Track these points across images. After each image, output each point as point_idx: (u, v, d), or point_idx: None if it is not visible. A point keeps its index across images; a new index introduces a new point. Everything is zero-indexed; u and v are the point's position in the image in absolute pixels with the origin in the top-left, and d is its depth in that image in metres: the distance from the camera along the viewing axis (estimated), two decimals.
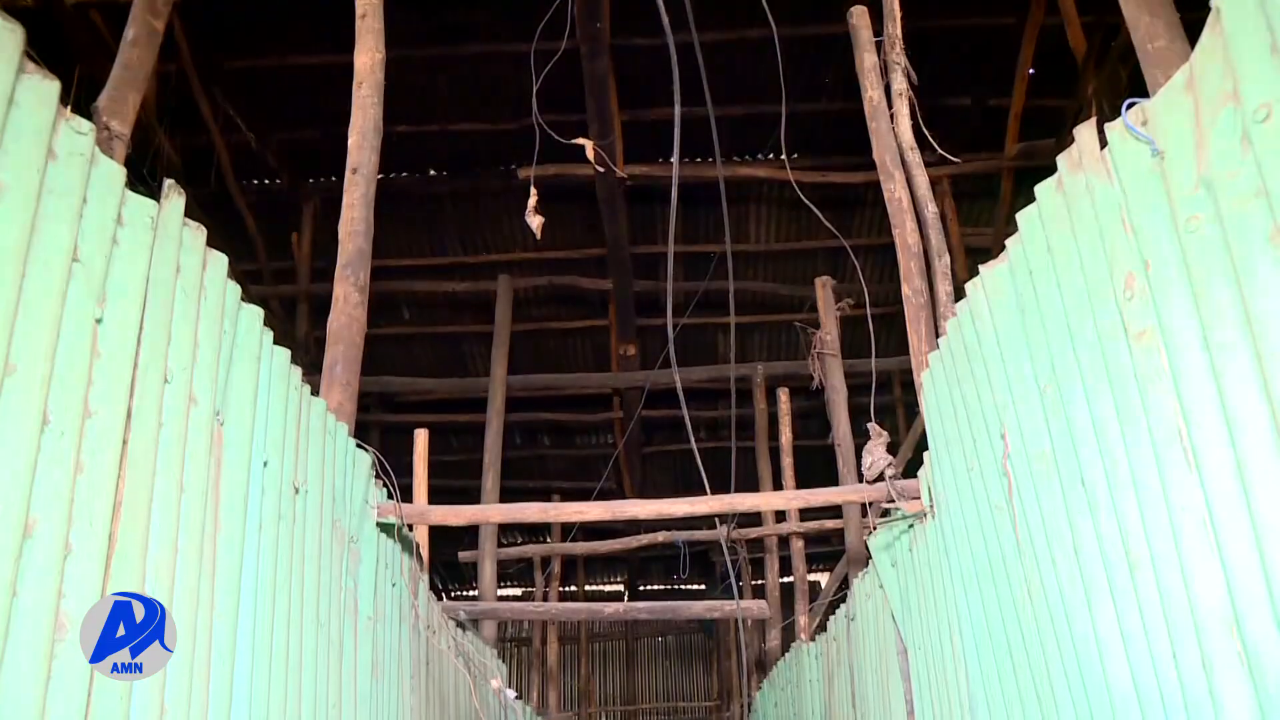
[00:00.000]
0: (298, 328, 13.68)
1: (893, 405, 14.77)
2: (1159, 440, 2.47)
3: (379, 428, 15.26)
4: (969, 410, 3.69)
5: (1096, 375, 2.75)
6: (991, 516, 3.52)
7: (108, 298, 2.43)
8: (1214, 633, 2.28)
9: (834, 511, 8.99)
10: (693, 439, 5.26)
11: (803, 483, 10.86)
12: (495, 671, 6.68)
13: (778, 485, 11.33)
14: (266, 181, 13.90)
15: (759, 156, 13.96)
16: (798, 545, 9.91)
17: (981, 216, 14.35)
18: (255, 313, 3.26)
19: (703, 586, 21.93)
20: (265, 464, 3.27)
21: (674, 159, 5.19)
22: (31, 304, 2.15)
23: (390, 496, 4.55)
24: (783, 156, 12.93)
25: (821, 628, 7.24)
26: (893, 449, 4.59)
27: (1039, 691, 3.25)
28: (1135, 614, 2.60)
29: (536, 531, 18.30)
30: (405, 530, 4.73)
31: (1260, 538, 2.13)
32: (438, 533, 7.36)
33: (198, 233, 2.85)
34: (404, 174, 14.12)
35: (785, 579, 10.96)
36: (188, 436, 2.74)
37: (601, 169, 8.96)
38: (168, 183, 2.75)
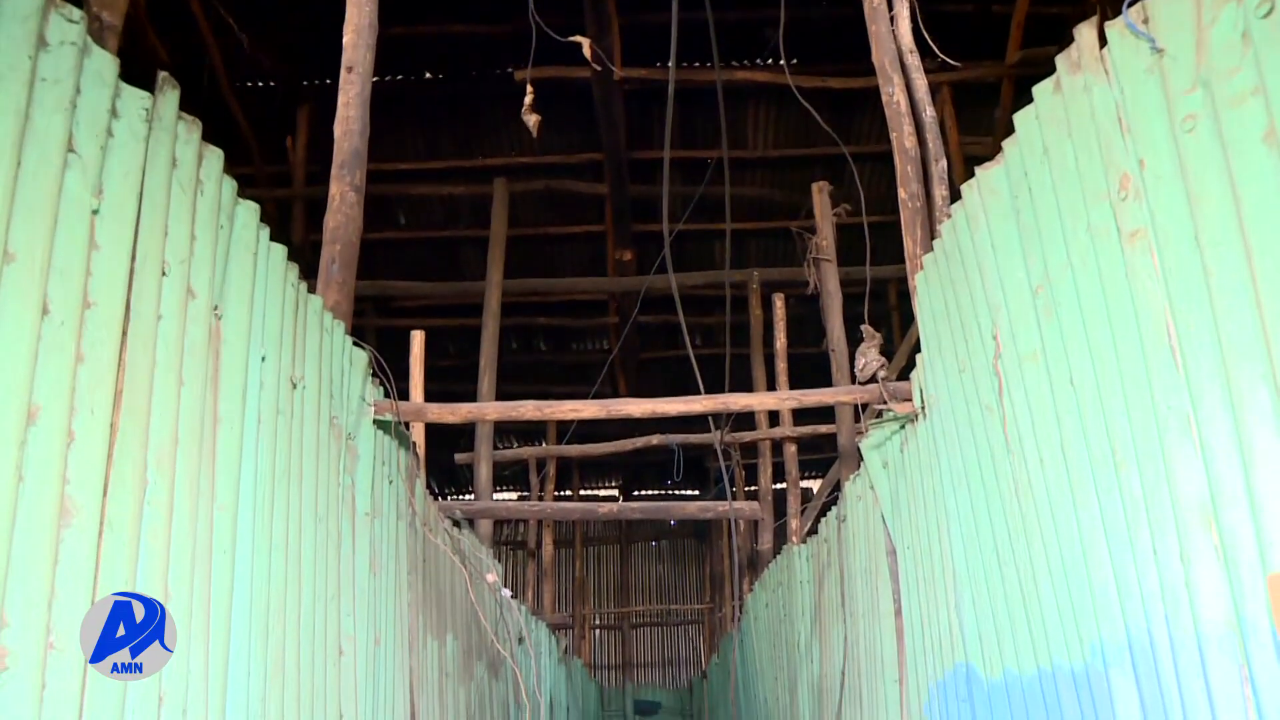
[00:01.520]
0: (293, 232, 13.61)
1: (888, 314, 14.79)
2: (1147, 340, 2.50)
3: (375, 332, 15.28)
4: (961, 312, 3.72)
5: (1088, 276, 2.77)
6: (981, 417, 3.57)
7: (104, 190, 2.43)
8: (1193, 527, 2.33)
9: (827, 416, 9.04)
10: (688, 342, 5.29)
11: (796, 388, 10.93)
12: (491, 567, 6.79)
13: (772, 389, 11.40)
14: (260, 85, 13.73)
15: (757, 62, 13.79)
16: (790, 450, 9.99)
17: (981, 125, 14.23)
18: (252, 208, 3.26)
19: (696, 492, 22.15)
20: (263, 359, 3.29)
21: (670, 63, 5.15)
22: (28, 193, 2.16)
23: (387, 395, 4.59)
24: (781, 62, 12.77)
25: (813, 531, 7.35)
26: (886, 354, 4.62)
27: (1024, 588, 3.32)
28: (1119, 511, 2.66)
29: (532, 436, 18.42)
30: (402, 428, 4.78)
31: (1241, 434, 2.17)
32: (434, 437, 7.42)
33: (193, 126, 2.85)
34: (399, 77, 13.96)
35: (778, 485, 11.07)
36: (186, 329, 2.77)
37: (599, 67, 8.86)
38: (161, 75, 2.74)
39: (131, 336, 2.49)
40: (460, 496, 20.55)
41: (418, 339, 6.75)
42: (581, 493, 21.42)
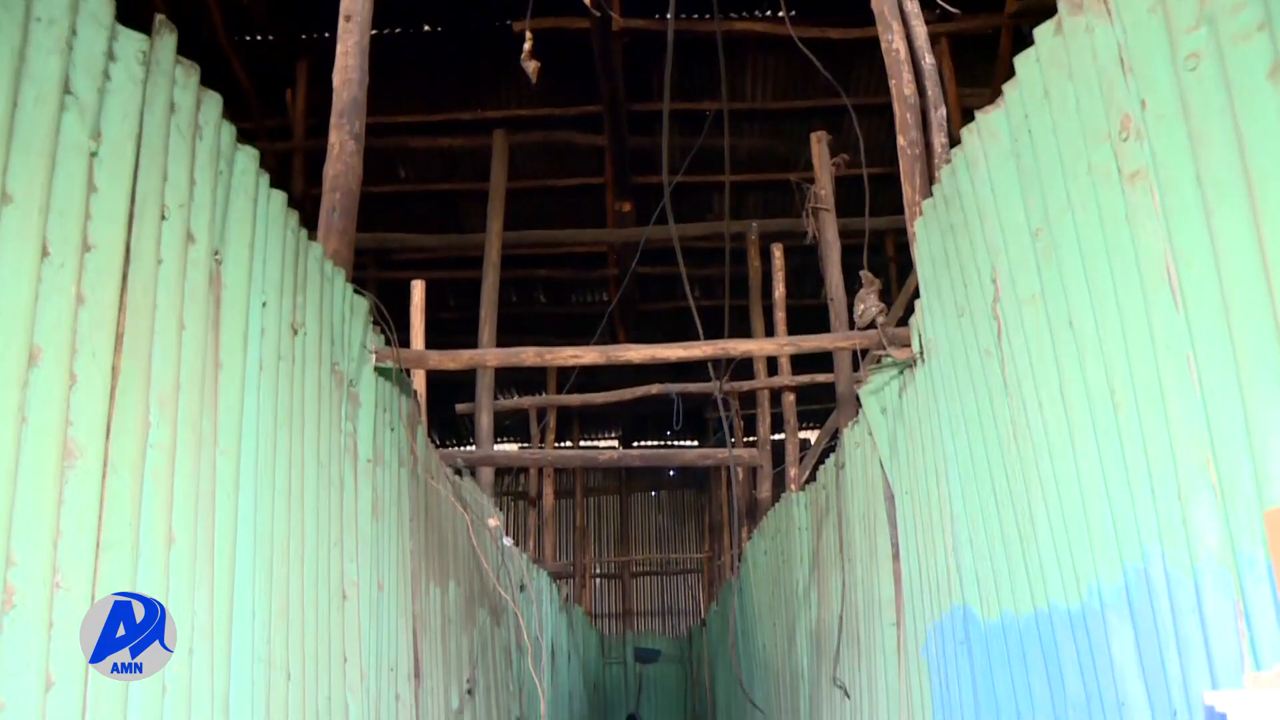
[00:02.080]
0: (293, 185, 13.56)
1: (885, 265, 14.77)
2: (1147, 281, 2.50)
3: (376, 284, 15.26)
4: (960, 256, 3.72)
5: (1088, 218, 2.77)
6: (980, 361, 3.58)
7: (102, 133, 2.43)
8: (1191, 466, 2.35)
9: (825, 365, 9.05)
10: (689, 291, 5.29)
11: (794, 353, 10.94)
12: (493, 513, 6.83)
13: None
14: (258, 38, 13.63)
15: (756, 13, 13.70)
16: (789, 399, 10.02)
17: (979, 78, 14.14)
18: (251, 154, 3.25)
19: (695, 443, 22.22)
20: (264, 304, 3.30)
21: (669, 14, 5.11)
22: (26, 133, 2.16)
23: (388, 343, 4.59)
24: (780, 13, 12.67)
25: (811, 478, 7.38)
26: (884, 303, 4.63)
27: (1021, 530, 3.35)
28: (1117, 451, 2.67)
29: (532, 388, 18.44)
30: (403, 375, 4.79)
31: (1241, 373, 2.18)
32: (435, 390, 7.44)
33: (190, 71, 2.84)
34: (398, 30, 13.85)
35: (777, 435, 11.11)
36: (186, 274, 2.77)
37: (598, 14, 8.79)
38: (158, 18, 2.72)
39: (132, 280, 2.50)
40: (462, 448, 20.61)
41: (418, 288, 6.75)
42: (581, 444, 21.49)
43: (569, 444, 20.36)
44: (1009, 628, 3.50)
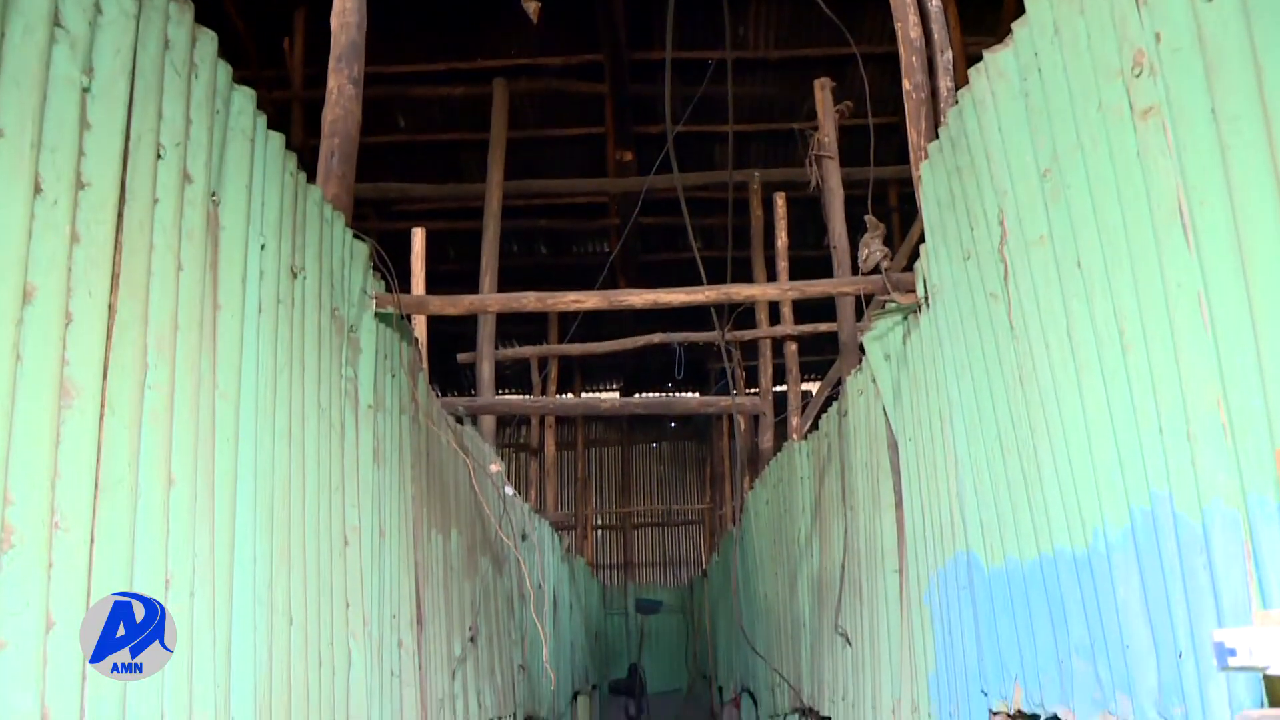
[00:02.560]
0: (292, 136, 13.42)
1: (889, 215, 14.67)
2: (1158, 219, 2.47)
3: (376, 235, 15.13)
4: (967, 198, 3.67)
5: (1098, 156, 2.73)
6: (986, 304, 3.54)
7: (94, 68, 2.38)
8: (1201, 406, 2.32)
9: (828, 314, 9.02)
10: (691, 236, 5.24)
11: (798, 298, 10.90)
12: (494, 459, 6.82)
13: None
14: None
15: None
16: (791, 349, 9.99)
17: (985, 25, 13.98)
18: (248, 94, 3.21)
19: (696, 394, 22.22)
20: (263, 247, 3.26)
21: None
22: (15, 66, 2.12)
23: (389, 289, 4.56)
24: None
25: (814, 428, 7.37)
26: (888, 246, 4.58)
27: (1026, 475, 3.33)
28: (1125, 392, 2.65)
29: (534, 339, 18.42)
30: (404, 321, 4.76)
31: (1254, 309, 2.15)
32: (436, 341, 7.42)
33: (185, 8, 2.78)
34: None
35: (779, 387, 11.10)
36: (183, 213, 2.73)
37: None
38: None
39: (128, 219, 2.46)
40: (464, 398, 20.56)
41: (418, 236, 6.71)
42: (583, 394, 21.48)
43: (570, 395, 20.35)
44: (1013, 573, 3.49)
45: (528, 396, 15.99)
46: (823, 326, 9.33)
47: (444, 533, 5.66)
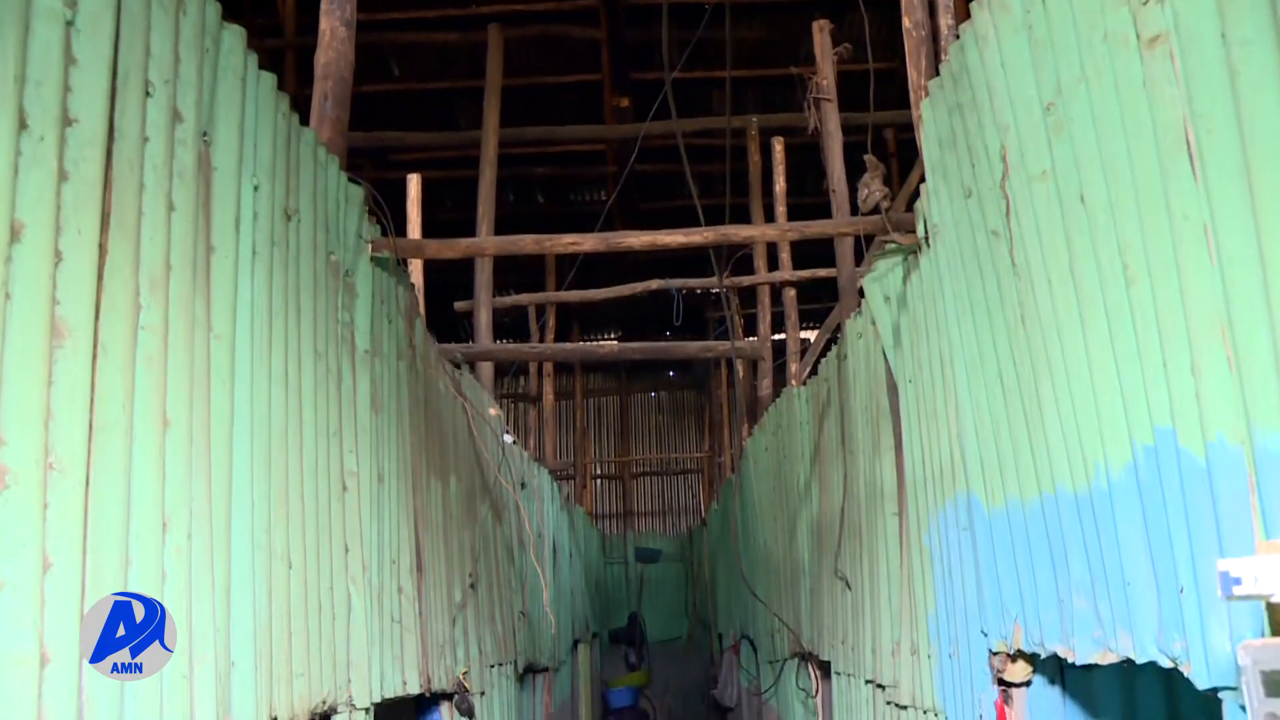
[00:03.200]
0: (286, 84, 13.28)
1: (888, 161, 14.57)
2: (1163, 150, 2.43)
3: (372, 184, 15.00)
4: (969, 135, 3.63)
5: (1103, 88, 2.68)
6: (988, 243, 3.51)
7: (78, 2, 2.33)
8: (1206, 339, 2.30)
9: (827, 260, 8.97)
10: (690, 179, 5.19)
11: (797, 244, 10.83)
12: (492, 403, 6.81)
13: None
14: None
15: None
16: (790, 295, 9.96)
17: None
18: (238, 33, 3.15)
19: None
20: (256, 188, 3.22)
21: None
22: None
23: (385, 234, 4.52)
24: None
25: (813, 374, 7.35)
26: (887, 183, 4.54)
27: (1028, 415, 3.31)
28: (1128, 328, 2.62)
29: (532, 288, 18.37)
30: (400, 267, 4.72)
31: (1262, 239, 2.12)
32: (433, 290, 7.38)
33: None
34: None
35: (777, 335, 11.07)
36: (174, 153, 2.69)
37: None
38: None
39: (117, 157, 2.42)
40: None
41: (414, 182, 6.66)
42: (581, 344, 21.43)
43: (568, 345, 20.31)
44: (1013, 513, 3.49)
45: (525, 343, 15.97)
46: (821, 272, 9.29)
47: (443, 480, 5.66)
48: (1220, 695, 2.32)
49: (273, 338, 3.30)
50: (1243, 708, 2.11)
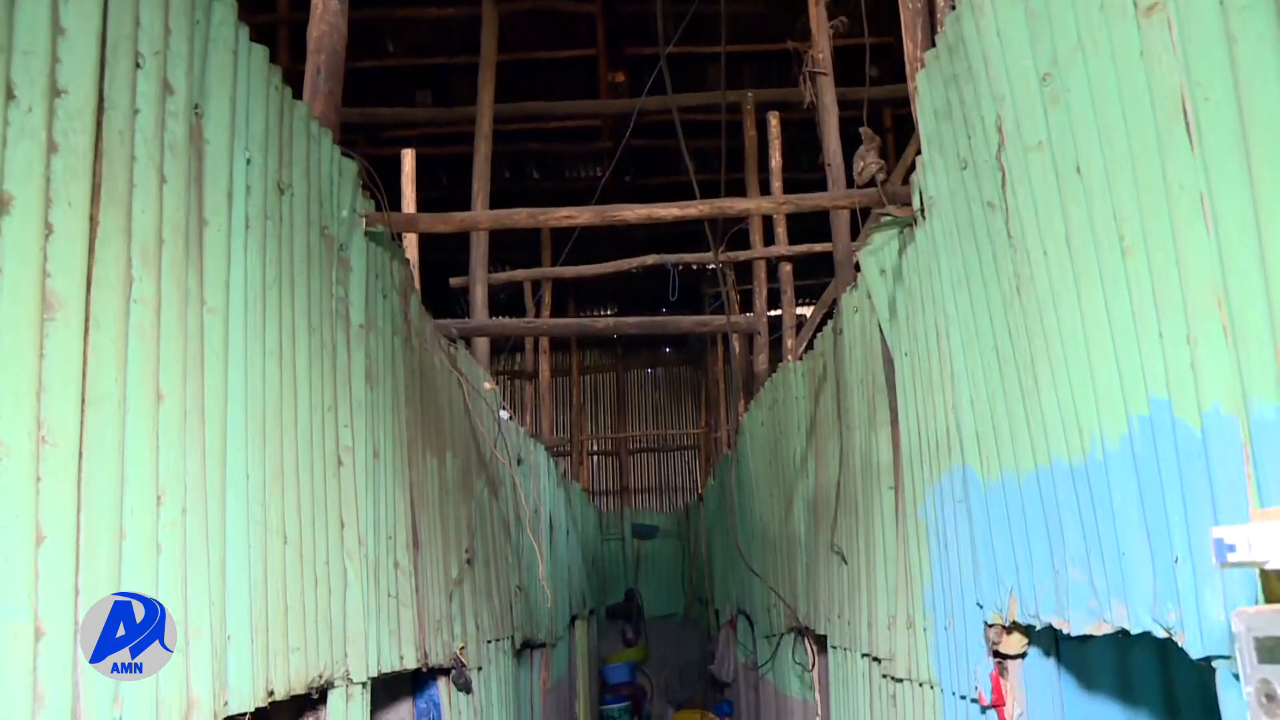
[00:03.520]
0: (279, 60, 13.20)
1: (883, 136, 14.54)
2: (1160, 119, 2.42)
3: (367, 160, 14.95)
4: (965, 106, 3.61)
5: (1099, 57, 2.67)
6: (983, 214, 3.50)
7: None
8: (1202, 308, 2.29)
9: (823, 235, 8.95)
10: (685, 154, 5.17)
11: (793, 220, 10.81)
12: (487, 378, 6.80)
13: (768, 215, 11.28)
14: None
15: None
16: (786, 270, 9.95)
17: None
18: (229, 4, 3.13)
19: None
20: (249, 161, 3.20)
21: None
22: None
23: (379, 208, 4.50)
24: None
25: (809, 349, 7.35)
26: (883, 157, 4.52)
27: (1024, 386, 3.30)
28: (1124, 298, 2.61)
29: (528, 264, 18.34)
30: (394, 241, 4.71)
31: (1259, 208, 2.11)
32: (428, 266, 7.36)
33: None
34: None
35: (773, 311, 11.06)
36: (165, 125, 2.67)
37: None
38: None
39: (107, 129, 2.41)
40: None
41: (408, 157, 6.63)
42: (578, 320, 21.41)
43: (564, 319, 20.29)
44: (1009, 486, 3.49)
45: (521, 318, 15.94)
46: (817, 247, 9.27)
47: (439, 455, 5.65)
48: (1214, 664, 2.32)
49: (266, 312, 3.28)
50: (1236, 676, 2.12)
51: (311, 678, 3.47)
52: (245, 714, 2.92)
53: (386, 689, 4.92)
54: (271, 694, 3.11)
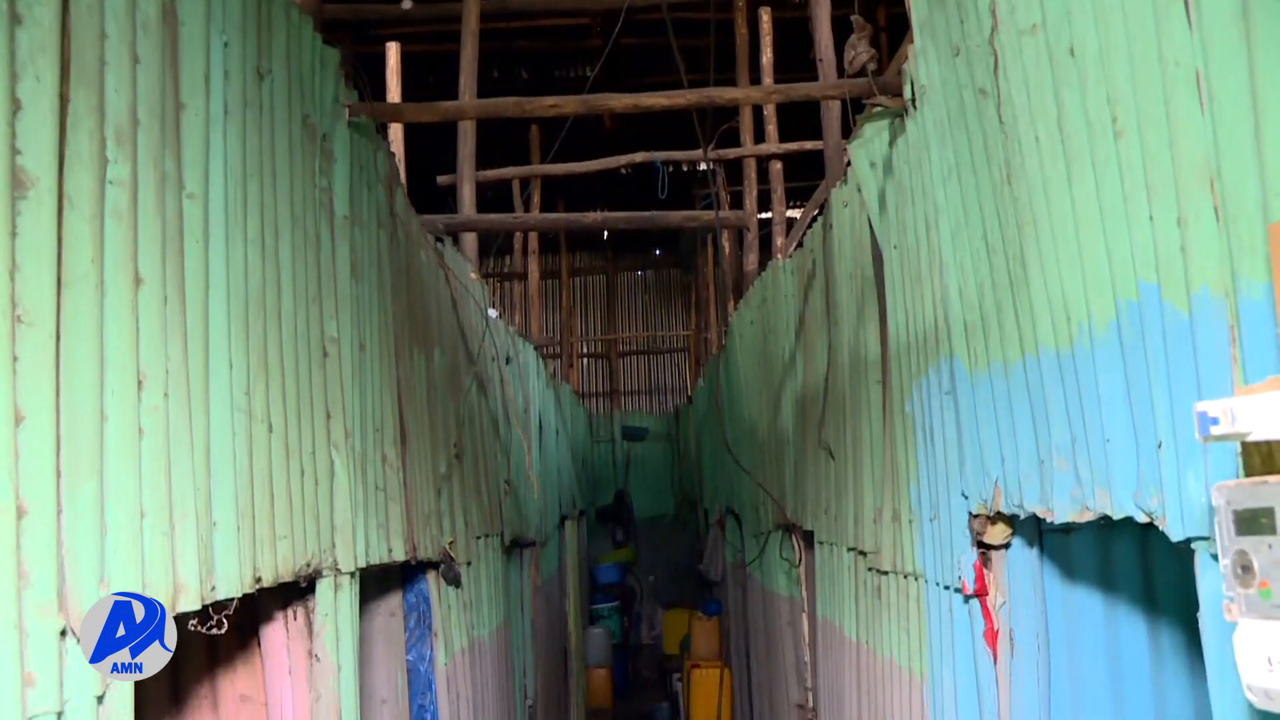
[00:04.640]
0: None
1: (876, 37, 14.32)
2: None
3: (353, 58, 14.73)
4: None
5: None
6: (975, 102, 3.45)
7: None
8: (1193, 189, 2.26)
9: (814, 132, 8.87)
10: (675, 52, 5.08)
11: (784, 118, 10.70)
12: (473, 269, 6.76)
13: (758, 112, 11.15)
14: None
15: None
16: (776, 169, 9.87)
17: None
18: None
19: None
20: (226, 44, 3.13)
21: None
22: None
23: (363, 99, 4.42)
24: None
25: (799, 248, 7.31)
26: (874, 44, 4.44)
27: (1012, 276, 3.28)
28: (1115, 181, 2.58)
29: (516, 164, 18.17)
30: (378, 134, 4.63)
31: (1256, 82, 2.07)
32: (415, 165, 7.28)
33: None
34: None
35: (764, 214, 10.99)
36: (136, 2, 2.59)
37: None
38: None
39: (74, 3, 2.33)
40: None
41: (393, 51, 6.51)
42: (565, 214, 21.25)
43: None
44: (995, 376, 3.48)
45: (510, 214, 15.83)
46: (808, 144, 9.19)
47: (426, 351, 5.64)
48: (1193, 546, 2.33)
49: (248, 200, 3.23)
50: (1214, 556, 2.13)
51: (299, 566, 3.49)
52: (233, 600, 2.93)
53: (376, 582, 4.96)
54: (259, 581, 3.12)
